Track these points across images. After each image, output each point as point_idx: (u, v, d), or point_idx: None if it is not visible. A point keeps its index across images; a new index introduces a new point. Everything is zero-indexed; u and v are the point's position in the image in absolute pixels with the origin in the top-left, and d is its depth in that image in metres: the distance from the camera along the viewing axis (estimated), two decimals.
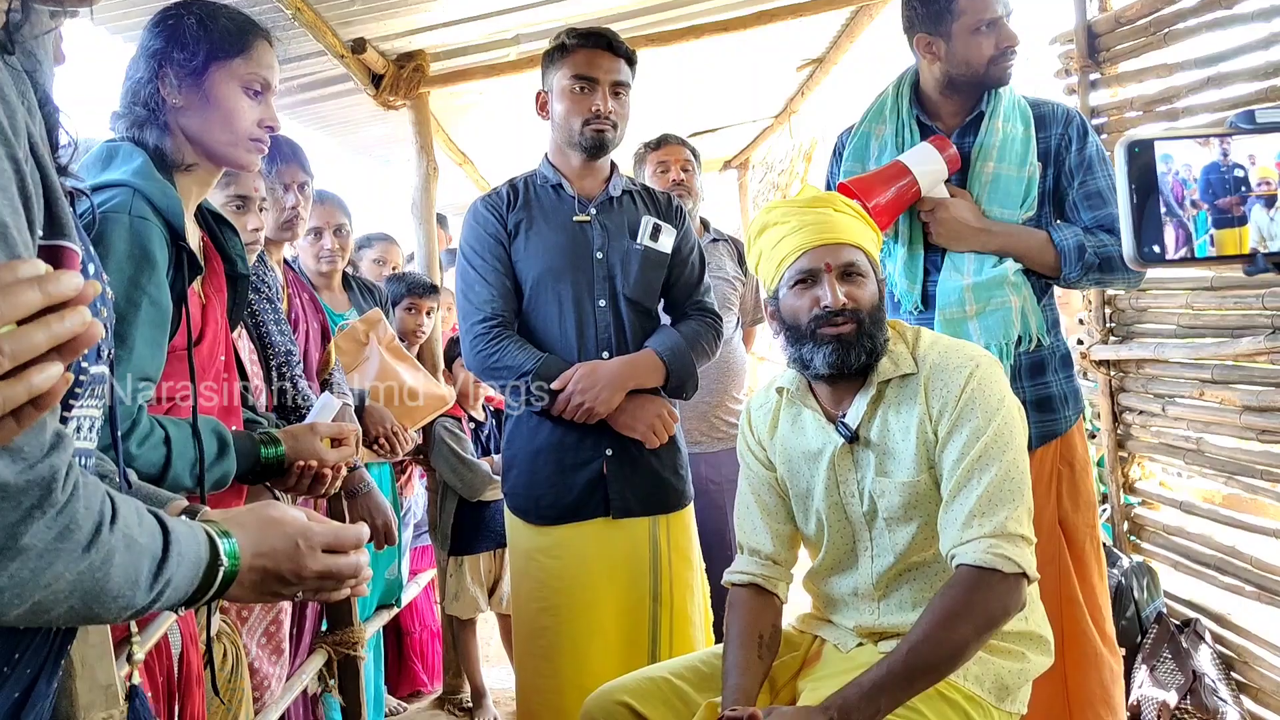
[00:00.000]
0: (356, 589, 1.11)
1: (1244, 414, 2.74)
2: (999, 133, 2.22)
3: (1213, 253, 0.99)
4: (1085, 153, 2.24)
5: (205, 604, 0.97)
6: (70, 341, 0.65)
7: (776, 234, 1.82)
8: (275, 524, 1.03)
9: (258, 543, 1.01)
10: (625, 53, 2.32)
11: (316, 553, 1.04)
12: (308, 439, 1.64)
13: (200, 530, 0.95)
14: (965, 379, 1.70)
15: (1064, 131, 2.25)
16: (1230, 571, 2.90)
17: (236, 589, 0.99)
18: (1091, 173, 2.24)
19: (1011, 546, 1.60)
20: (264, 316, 2.26)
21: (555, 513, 2.32)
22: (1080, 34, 3.32)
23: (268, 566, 1.01)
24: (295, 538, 1.03)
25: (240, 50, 1.57)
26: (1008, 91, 2.26)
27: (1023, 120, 2.24)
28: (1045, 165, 2.25)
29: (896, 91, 2.35)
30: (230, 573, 0.97)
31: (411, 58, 3.67)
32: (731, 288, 3.46)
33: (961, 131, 2.28)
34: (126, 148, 1.52)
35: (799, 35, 4.76)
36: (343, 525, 1.09)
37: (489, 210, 2.37)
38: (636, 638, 2.31)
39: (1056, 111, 2.28)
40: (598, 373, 2.24)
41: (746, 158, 8.27)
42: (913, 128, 2.31)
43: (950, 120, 2.31)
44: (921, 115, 2.31)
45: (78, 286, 0.65)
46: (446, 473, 3.36)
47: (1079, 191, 2.24)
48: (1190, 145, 1.00)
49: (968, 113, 2.27)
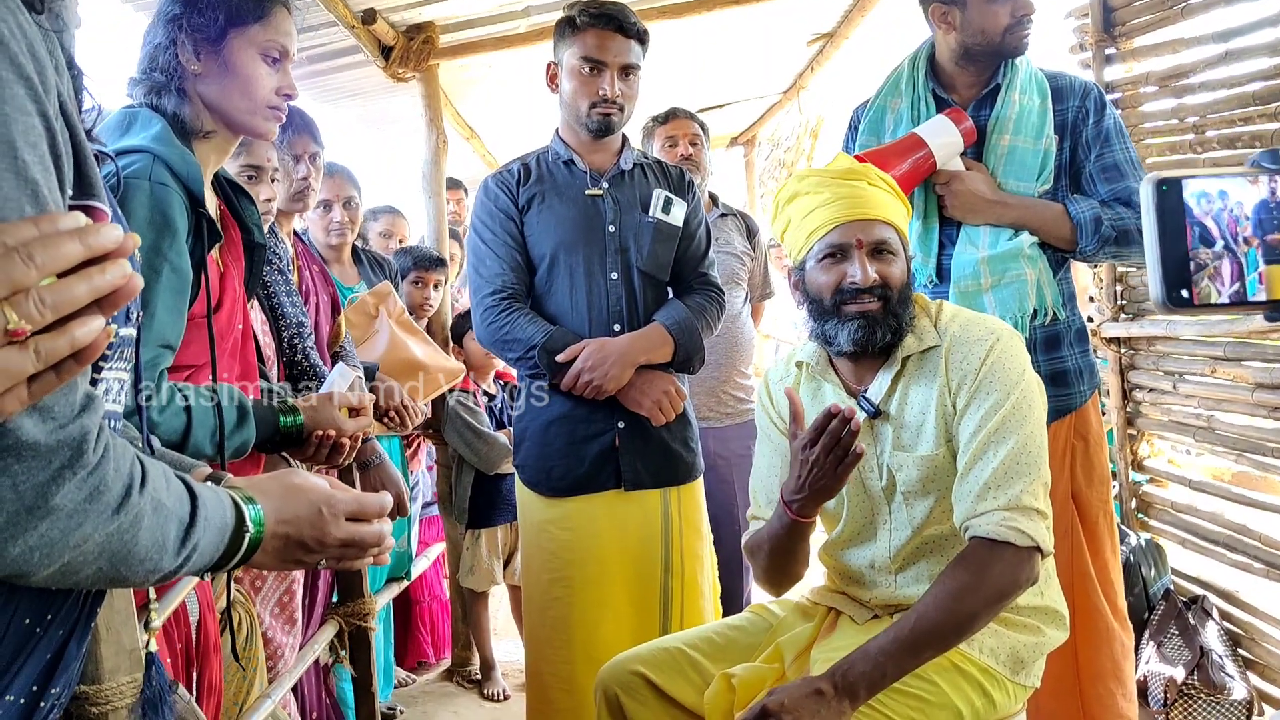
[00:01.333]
0: (379, 558, 1.11)
1: (1256, 391, 2.74)
2: (1015, 105, 2.21)
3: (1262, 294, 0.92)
4: (1103, 125, 2.22)
5: (229, 570, 0.97)
6: (111, 295, 0.65)
7: (808, 204, 1.80)
8: (299, 491, 1.03)
9: (281, 510, 1.01)
10: (637, 33, 2.29)
11: (340, 520, 1.04)
12: (326, 408, 1.64)
13: (226, 496, 0.95)
14: (986, 351, 1.69)
15: (1081, 104, 2.24)
16: (1239, 549, 2.90)
17: (260, 556, 0.99)
18: (1109, 145, 2.22)
19: (1025, 520, 1.59)
20: (276, 288, 2.26)
21: (566, 484, 2.33)
22: (1095, 8, 3.29)
23: (291, 534, 1.01)
24: (318, 505, 1.03)
25: (259, 17, 1.56)
26: (1024, 64, 2.24)
27: (1039, 93, 2.22)
28: (1062, 138, 2.23)
29: (913, 65, 2.34)
30: (255, 539, 0.97)
31: (421, 29, 3.65)
32: (740, 263, 3.45)
33: (978, 104, 2.26)
34: (145, 113, 1.51)
35: (810, 9, 4.72)
36: (366, 494, 1.09)
37: (500, 187, 2.37)
38: (647, 608, 2.33)
39: (1074, 84, 2.26)
40: (606, 349, 2.24)
41: (753, 134, 8.22)
42: (928, 100, 2.30)
43: (966, 93, 2.29)
44: (937, 88, 2.30)
45: (118, 239, 0.65)
46: (462, 447, 3.36)
47: (1096, 164, 2.23)
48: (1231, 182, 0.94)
49: (984, 85, 2.26)
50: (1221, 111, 2.82)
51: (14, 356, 0.60)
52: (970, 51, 2.23)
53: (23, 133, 0.69)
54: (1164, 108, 3.08)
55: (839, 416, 1.58)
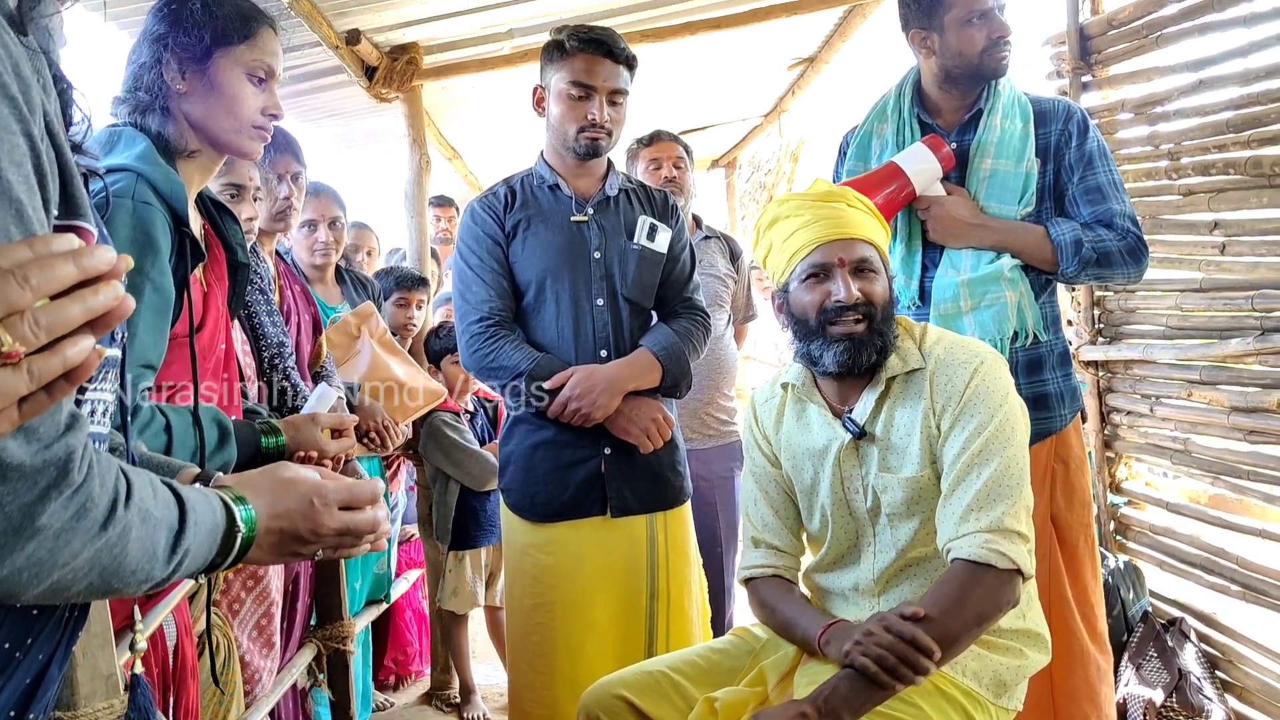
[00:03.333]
0: (375, 544, 1.11)
1: (1231, 415, 2.77)
2: (997, 129, 2.23)
3: None
4: (1085, 148, 2.25)
5: (227, 569, 0.97)
6: (103, 316, 0.65)
7: (789, 226, 1.82)
8: (289, 485, 1.03)
9: (273, 505, 1.01)
10: (625, 58, 2.30)
11: (333, 510, 1.04)
12: (308, 429, 1.63)
13: (215, 498, 0.95)
14: (970, 374, 1.71)
15: (1064, 127, 2.26)
16: (1216, 571, 2.92)
17: (256, 552, 1.00)
18: (1092, 168, 2.25)
19: (1007, 543, 1.60)
20: (257, 308, 2.24)
21: (551, 510, 2.31)
22: (1072, 36, 3.34)
23: (285, 528, 1.01)
24: (310, 496, 1.03)
25: (245, 37, 1.56)
26: (1007, 88, 2.27)
27: (1022, 116, 2.25)
28: (1045, 161, 2.25)
29: (899, 91, 2.37)
30: (248, 538, 0.98)
31: (405, 50, 3.66)
32: (723, 285, 3.46)
33: (961, 129, 2.29)
34: (129, 133, 1.50)
35: (791, 34, 4.77)
36: (357, 481, 1.09)
37: (486, 211, 2.36)
38: (633, 635, 2.31)
39: (1058, 107, 2.29)
40: (594, 376, 2.23)
41: (734, 157, 8.28)
42: (913, 126, 2.32)
43: (951, 117, 2.32)
44: (923, 114, 2.32)
45: (111, 260, 0.65)
46: (448, 465, 3.32)
47: (1079, 186, 2.25)
48: None
49: (967, 110, 2.28)
50: (1195, 138, 2.87)
51: (8, 378, 0.60)
52: (951, 75, 2.25)
53: (7, 152, 0.69)
54: (1139, 134, 3.13)
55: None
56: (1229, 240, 2.75)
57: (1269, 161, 2.55)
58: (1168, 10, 2.95)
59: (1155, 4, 2.99)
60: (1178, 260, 3.00)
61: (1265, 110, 2.59)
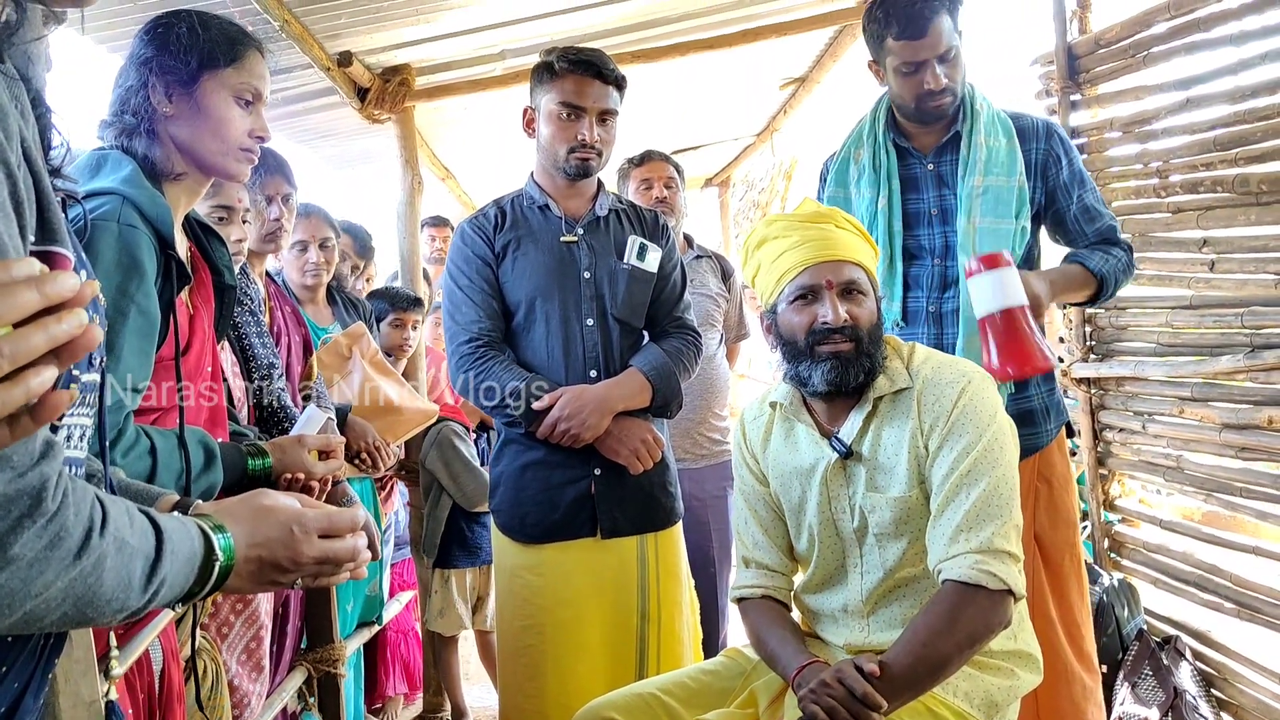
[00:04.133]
0: (355, 573, 1.11)
1: (1223, 431, 2.77)
2: (983, 147, 2.24)
3: None
4: (1075, 167, 2.29)
5: (204, 598, 0.96)
6: (68, 345, 0.64)
7: (777, 248, 1.82)
8: (268, 513, 1.03)
9: (252, 533, 1.00)
10: (615, 79, 2.30)
11: (312, 538, 1.04)
12: (295, 451, 1.62)
13: (193, 526, 0.94)
14: (958, 394, 1.71)
15: (1048, 145, 2.29)
16: (1210, 589, 2.91)
17: (235, 580, 0.99)
18: (1084, 186, 2.29)
19: (998, 563, 1.60)
20: (246, 329, 2.24)
21: (541, 531, 2.30)
22: (1061, 55, 3.36)
23: (264, 556, 1.01)
24: (289, 525, 1.02)
25: (232, 60, 1.56)
26: (985, 106, 2.29)
27: (1005, 133, 2.27)
28: (1031, 178, 2.27)
29: (874, 116, 2.39)
30: (226, 567, 0.97)
31: (397, 71, 3.68)
32: (715, 304, 3.46)
33: (939, 151, 2.30)
34: (115, 156, 1.50)
35: (782, 54, 4.80)
36: (338, 509, 1.09)
37: (476, 232, 2.36)
38: (623, 657, 2.29)
39: (1037, 125, 2.31)
40: (584, 397, 2.22)
41: (728, 176, 8.31)
42: (888, 149, 2.34)
43: (925, 140, 2.32)
44: (898, 138, 2.34)
45: (74, 287, 0.64)
46: (445, 478, 3.31)
47: (1078, 206, 2.28)
48: None
49: (944, 132, 2.29)
50: (1184, 157, 2.88)
51: None
52: (902, 110, 2.29)
53: None
54: (1128, 153, 3.14)
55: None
56: (1218, 257, 2.76)
57: (1256, 179, 2.57)
58: (1154, 30, 2.98)
59: (1142, 24, 3.02)
60: (1168, 278, 3.01)
61: (1252, 128, 2.61)
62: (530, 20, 3.56)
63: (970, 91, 2.28)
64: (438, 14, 3.27)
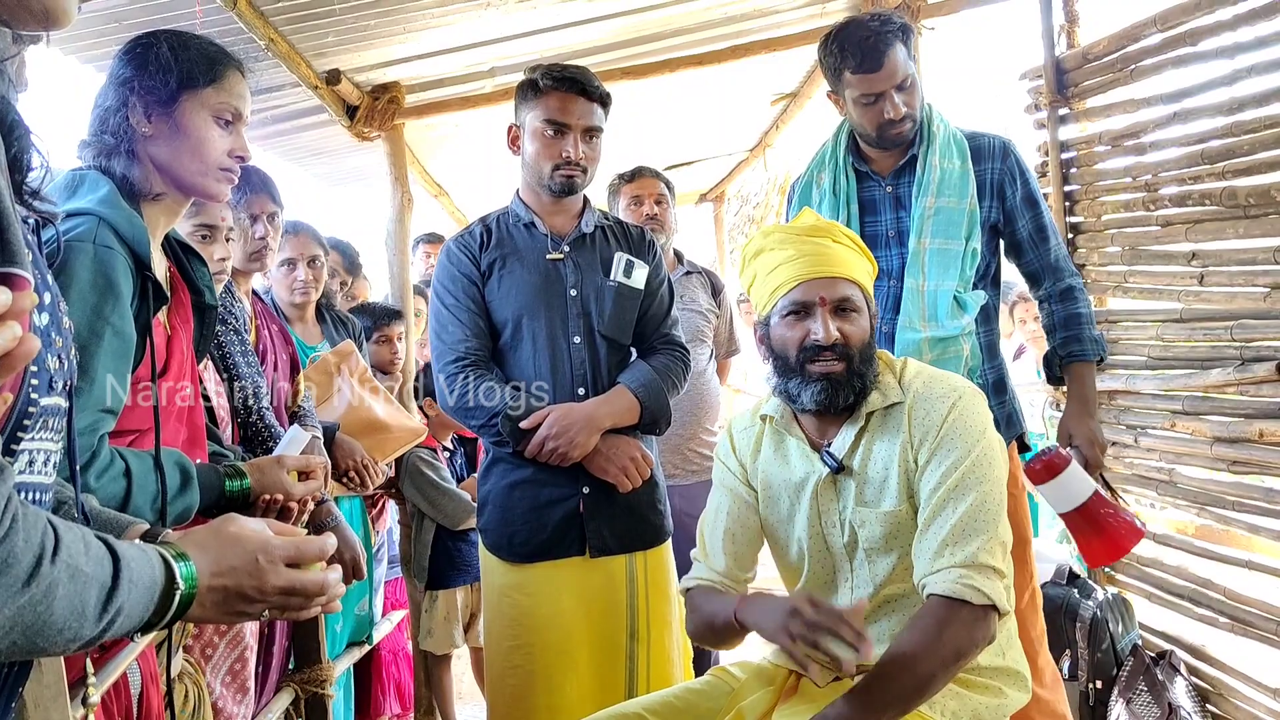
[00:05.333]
0: (328, 606, 1.08)
1: (1214, 445, 2.76)
2: (937, 169, 2.30)
3: None
4: (1029, 188, 2.36)
5: (164, 628, 0.94)
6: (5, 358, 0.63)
7: (773, 259, 1.81)
8: (234, 540, 1.01)
9: (216, 561, 0.98)
10: (599, 96, 2.30)
11: (278, 567, 1.02)
12: (274, 472, 1.61)
13: (155, 554, 0.93)
14: (948, 408, 1.71)
15: (1003, 165, 2.35)
16: (1204, 603, 2.90)
17: (198, 610, 0.97)
18: (1036, 208, 2.37)
19: (982, 578, 1.59)
20: (230, 349, 2.23)
21: (529, 550, 2.28)
22: (1049, 70, 3.37)
23: (228, 585, 0.99)
24: (255, 553, 1.01)
25: (212, 79, 1.56)
26: (942, 128, 2.34)
27: (959, 154, 2.32)
28: (987, 197, 2.33)
29: (836, 139, 2.45)
30: (187, 596, 0.95)
31: (386, 89, 3.68)
32: (705, 320, 3.46)
33: (896, 173, 2.36)
34: (92, 176, 1.50)
35: (773, 70, 4.81)
36: (306, 538, 1.07)
37: (462, 250, 2.35)
38: (612, 677, 2.27)
39: (993, 145, 2.36)
40: (571, 415, 2.21)
41: (722, 190, 8.32)
42: (849, 174, 2.39)
43: (884, 163, 2.38)
44: (857, 162, 2.40)
45: (5, 303, 0.63)
46: (424, 505, 3.30)
47: (1031, 226, 2.36)
48: None
49: (901, 155, 2.35)
50: (1172, 170, 2.88)
51: None
52: (863, 137, 2.35)
53: None
54: (1117, 166, 3.14)
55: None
56: (1207, 270, 2.76)
57: (1244, 192, 2.57)
58: (1141, 44, 2.98)
59: (1129, 38, 3.02)
60: (1158, 291, 3.01)
61: (1239, 141, 2.61)
62: (520, 37, 3.56)
63: (928, 113, 2.34)
64: (426, 31, 3.28)
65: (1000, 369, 2.43)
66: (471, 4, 3.12)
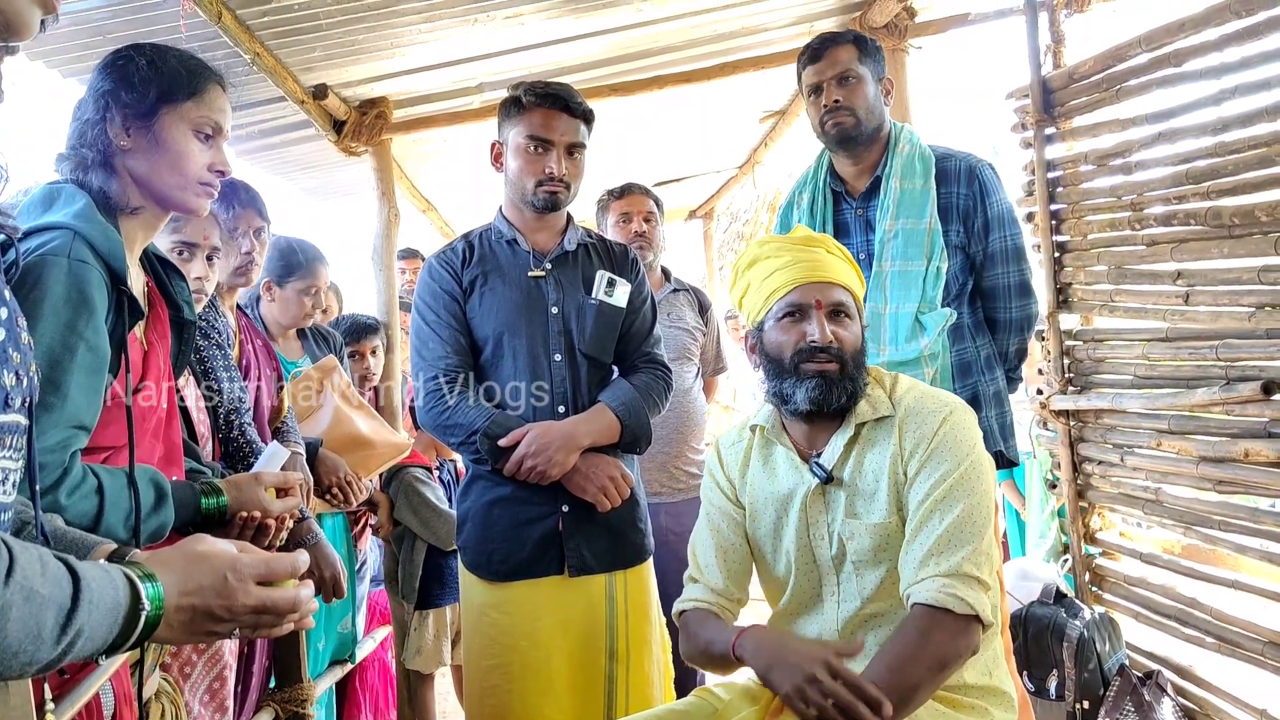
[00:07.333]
0: (300, 623, 1.06)
1: (1200, 464, 2.75)
2: (896, 190, 2.33)
3: None
4: (995, 210, 2.39)
5: (132, 649, 0.92)
6: None
7: (768, 267, 1.84)
8: (202, 559, 0.99)
9: (184, 581, 0.96)
10: (582, 112, 2.29)
11: (248, 585, 1.00)
12: (251, 489, 1.59)
13: (119, 575, 0.91)
14: (939, 423, 1.72)
15: (968, 190, 2.38)
16: (1191, 623, 2.89)
17: (165, 631, 0.95)
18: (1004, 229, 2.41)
19: (965, 588, 1.59)
20: (213, 364, 2.21)
21: (508, 569, 2.26)
22: (1035, 89, 3.38)
23: (196, 604, 0.97)
24: (223, 571, 0.99)
25: (191, 93, 1.54)
26: (908, 146, 2.37)
27: (923, 172, 2.36)
28: (952, 221, 2.36)
29: (818, 162, 2.51)
30: (154, 617, 0.93)
31: (374, 104, 3.68)
32: (691, 338, 3.45)
33: (866, 195, 2.40)
34: (69, 190, 1.48)
35: (761, 87, 4.82)
36: (276, 555, 1.05)
37: (443, 267, 2.34)
38: (592, 697, 2.25)
39: (960, 169, 2.39)
40: (550, 433, 2.19)
41: (711, 207, 8.34)
42: (826, 195, 2.46)
43: (855, 184, 2.44)
44: (834, 183, 2.45)
45: None
46: (415, 522, 3.27)
47: (986, 253, 2.41)
48: None
49: (869, 175, 2.40)
50: (1157, 190, 2.89)
51: None
52: (825, 142, 2.42)
53: None
54: (1103, 186, 3.15)
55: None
56: (1192, 290, 2.76)
57: (1228, 212, 2.57)
58: (1127, 64, 3.00)
59: (1115, 58, 3.04)
60: (1143, 310, 3.01)
61: (1224, 162, 2.62)
62: (508, 53, 3.56)
63: (897, 132, 2.36)
64: (413, 47, 3.28)
65: (974, 387, 2.43)
66: (459, 20, 3.12)
